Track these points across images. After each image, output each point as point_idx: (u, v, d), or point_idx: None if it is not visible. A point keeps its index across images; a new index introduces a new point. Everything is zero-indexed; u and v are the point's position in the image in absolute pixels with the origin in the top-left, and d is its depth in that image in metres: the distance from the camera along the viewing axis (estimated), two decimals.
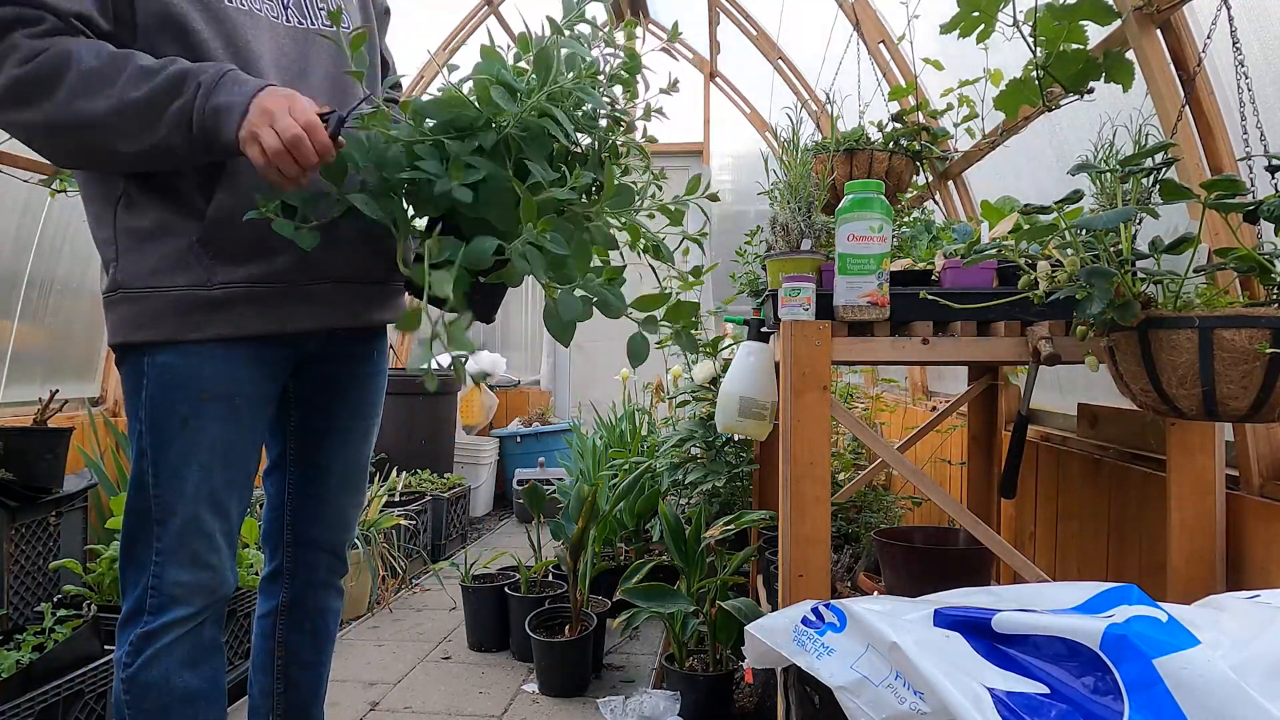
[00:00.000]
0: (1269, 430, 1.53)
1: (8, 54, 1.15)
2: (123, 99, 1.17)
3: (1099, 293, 1.23)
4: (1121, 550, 1.88)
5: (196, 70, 1.20)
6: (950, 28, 1.65)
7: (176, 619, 1.36)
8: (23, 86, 1.15)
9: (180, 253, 1.29)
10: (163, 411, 1.33)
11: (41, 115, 1.18)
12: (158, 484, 1.34)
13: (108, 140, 1.20)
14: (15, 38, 1.15)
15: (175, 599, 1.36)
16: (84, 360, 3.33)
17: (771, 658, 1.39)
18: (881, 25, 3.21)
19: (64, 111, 1.17)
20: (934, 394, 3.53)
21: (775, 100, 4.98)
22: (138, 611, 1.37)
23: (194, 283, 1.30)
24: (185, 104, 1.18)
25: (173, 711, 1.37)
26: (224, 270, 1.31)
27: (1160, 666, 0.99)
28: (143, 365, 1.33)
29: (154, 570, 1.36)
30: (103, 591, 2.39)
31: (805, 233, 1.96)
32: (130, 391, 1.36)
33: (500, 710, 2.54)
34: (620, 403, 4.52)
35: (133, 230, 1.30)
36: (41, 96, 1.16)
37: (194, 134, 1.19)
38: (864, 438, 1.79)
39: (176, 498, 1.34)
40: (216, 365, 1.34)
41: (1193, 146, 1.55)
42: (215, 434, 1.35)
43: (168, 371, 1.32)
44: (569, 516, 2.90)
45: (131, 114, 1.18)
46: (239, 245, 1.30)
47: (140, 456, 1.35)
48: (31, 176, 2.78)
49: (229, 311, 1.32)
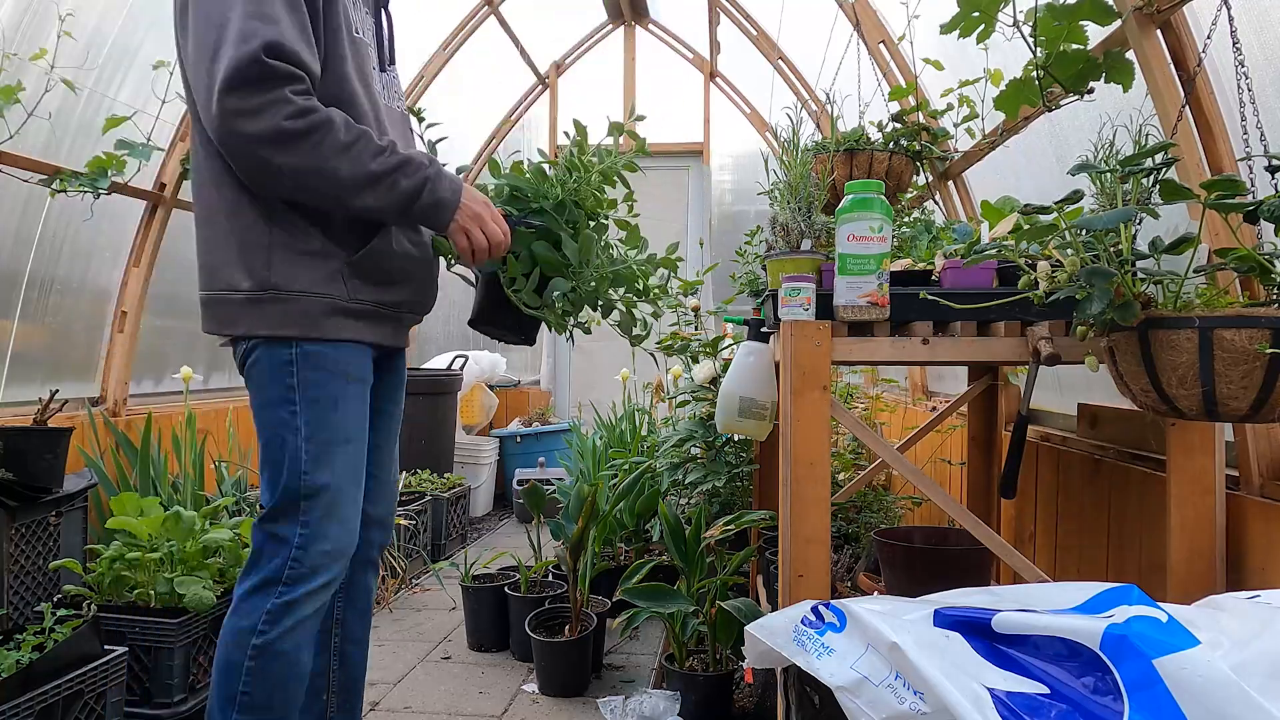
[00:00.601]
0: (1269, 430, 1.53)
1: (280, 105, 1.41)
2: (362, 168, 1.49)
3: (1099, 293, 1.23)
4: (1121, 550, 1.88)
5: (419, 160, 1.55)
6: (950, 28, 1.64)
7: (315, 588, 1.55)
8: (288, 136, 1.43)
9: (332, 272, 1.59)
10: (319, 391, 1.57)
11: (296, 160, 1.45)
12: (311, 459, 1.55)
13: (342, 194, 1.50)
14: (285, 93, 1.42)
15: (316, 569, 1.55)
16: (84, 360, 3.33)
17: (771, 658, 1.39)
18: (881, 25, 3.21)
19: (316, 165, 1.46)
20: (934, 394, 3.53)
21: (775, 100, 4.98)
22: (273, 582, 1.54)
23: (340, 296, 1.59)
24: (413, 187, 1.53)
25: (289, 685, 1.55)
26: (363, 291, 1.63)
27: (1160, 666, 0.99)
28: (291, 354, 1.56)
29: (299, 542, 1.54)
30: (102, 591, 2.40)
31: (805, 233, 1.96)
32: (269, 380, 1.57)
33: (500, 710, 2.54)
34: (620, 403, 4.52)
35: (291, 247, 1.56)
36: (302, 148, 1.44)
37: (412, 212, 1.55)
38: (864, 438, 1.79)
39: (328, 470, 1.56)
40: (354, 356, 1.63)
41: (1193, 146, 1.55)
42: (358, 412, 1.63)
43: (321, 359, 1.58)
44: (569, 516, 2.89)
45: (364, 180, 1.50)
46: (373, 276, 1.64)
47: (294, 434, 1.55)
48: (31, 176, 2.78)
49: (358, 320, 1.63)
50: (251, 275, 1.55)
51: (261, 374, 1.58)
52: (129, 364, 3.41)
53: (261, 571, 1.55)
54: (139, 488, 3.06)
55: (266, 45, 1.39)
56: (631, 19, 6.13)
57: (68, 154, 2.96)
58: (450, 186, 1.56)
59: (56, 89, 2.64)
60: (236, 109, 1.40)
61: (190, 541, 2.44)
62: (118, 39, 3.02)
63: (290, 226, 1.57)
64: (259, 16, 1.41)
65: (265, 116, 1.41)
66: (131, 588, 2.40)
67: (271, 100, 1.41)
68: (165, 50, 3.06)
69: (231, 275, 1.56)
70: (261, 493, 1.60)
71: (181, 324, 3.96)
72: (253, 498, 3.64)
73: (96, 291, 3.34)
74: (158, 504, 2.54)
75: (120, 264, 3.40)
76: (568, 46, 6.23)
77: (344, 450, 1.59)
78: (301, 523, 1.55)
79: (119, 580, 2.39)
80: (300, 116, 1.43)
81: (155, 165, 3.30)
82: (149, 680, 2.29)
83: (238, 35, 1.39)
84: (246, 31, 1.39)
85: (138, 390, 3.61)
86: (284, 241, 1.56)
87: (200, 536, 2.47)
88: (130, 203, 3.32)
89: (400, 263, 1.67)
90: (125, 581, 2.40)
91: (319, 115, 1.45)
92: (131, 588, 2.40)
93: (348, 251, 1.60)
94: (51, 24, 2.64)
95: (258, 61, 1.39)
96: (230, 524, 2.68)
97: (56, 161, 2.86)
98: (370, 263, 1.62)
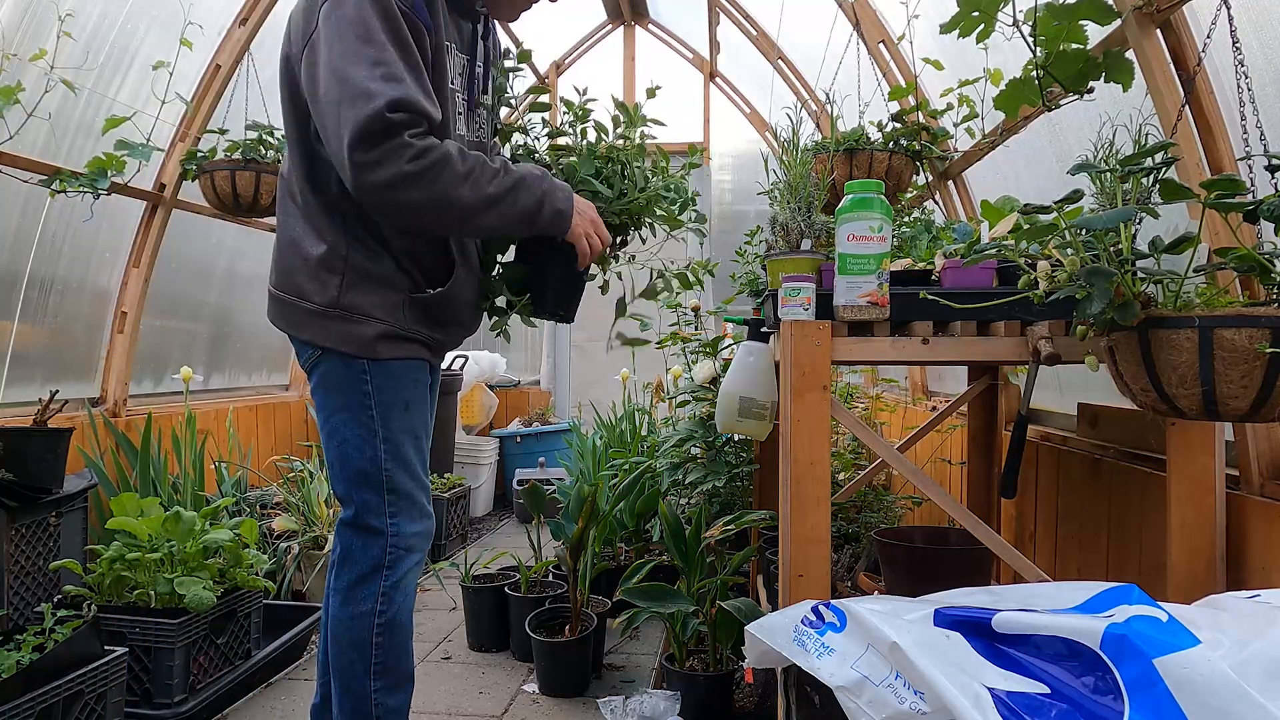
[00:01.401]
0: (1269, 430, 1.53)
1: (401, 150, 1.52)
2: (481, 193, 1.61)
3: (1099, 293, 1.23)
4: (1121, 550, 1.88)
5: (535, 177, 1.68)
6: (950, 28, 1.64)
7: (411, 565, 1.76)
8: (412, 178, 1.54)
9: (394, 302, 1.73)
10: (393, 396, 1.74)
11: (423, 197, 1.56)
12: (390, 457, 1.73)
13: (468, 218, 1.63)
14: (404, 138, 1.52)
15: (410, 549, 1.75)
16: (84, 360, 3.33)
17: (771, 657, 1.39)
18: (881, 25, 3.21)
19: (440, 197, 1.58)
20: (934, 394, 3.53)
21: (775, 100, 4.98)
22: (377, 569, 1.73)
23: (395, 324, 1.73)
24: (533, 202, 1.66)
25: (406, 648, 1.78)
26: (417, 324, 1.76)
27: (1160, 666, 0.98)
28: (364, 364, 1.72)
29: (391, 530, 1.73)
30: (102, 591, 2.40)
31: (805, 233, 1.96)
32: (344, 388, 1.73)
33: (500, 710, 2.54)
34: (620, 403, 4.52)
35: (364, 270, 1.70)
36: (425, 185, 1.56)
37: (536, 224, 1.68)
38: (864, 438, 1.79)
39: (404, 467, 1.74)
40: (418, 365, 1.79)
41: (1193, 146, 1.55)
42: (422, 412, 1.81)
43: (391, 367, 1.73)
44: (569, 516, 2.89)
45: (486, 203, 1.62)
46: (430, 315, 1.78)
47: (372, 436, 1.72)
48: (31, 177, 2.78)
49: (409, 345, 1.77)
50: (325, 291, 1.70)
51: (335, 383, 1.74)
52: (129, 364, 3.41)
53: (360, 564, 1.74)
54: (139, 488, 3.06)
55: (390, 102, 1.50)
56: (631, 19, 6.13)
57: (68, 154, 2.96)
58: (564, 197, 1.70)
59: (56, 89, 2.64)
60: (363, 162, 1.52)
61: (190, 542, 2.44)
62: (117, 39, 3.02)
63: (368, 252, 1.71)
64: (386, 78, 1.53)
65: (389, 165, 1.52)
66: (131, 588, 2.40)
67: (393, 148, 1.52)
68: (165, 50, 3.06)
69: (304, 285, 1.71)
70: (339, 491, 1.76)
71: (181, 324, 3.96)
72: (253, 498, 3.64)
73: (96, 292, 3.34)
74: (158, 504, 2.54)
75: (120, 264, 3.40)
76: (568, 46, 6.23)
77: (416, 446, 1.78)
78: (390, 513, 1.73)
79: (119, 581, 2.39)
80: (419, 158, 1.54)
81: (155, 165, 3.30)
82: (149, 680, 2.30)
83: (364, 93, 1.51)
84: (375, 90, 1.51)
85: (138, 390, 3.61)
86: (361, 266, 1.70)
87: (200, 537, 2.47)
88: (130, 203, 3.32)
89: (457, 312, 1.82)
90: (125, 582, 2.40)
91: (436, 152, 1.55)
92: (131, 588, 2.40)
93: (413, 284, 1.74)
94: (51, 24, 2.64)
95: (381, 118, 1.50)
96: (230, 524, 2.68)
97: (56, 162, 2.86)
98: (435, 305, 1.77)
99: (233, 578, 2.55)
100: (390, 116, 1.50)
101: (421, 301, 1.74)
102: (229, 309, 4.21)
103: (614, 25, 6.17)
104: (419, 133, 1.55)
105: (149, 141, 2.96)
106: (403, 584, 1.75)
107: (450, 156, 1.57)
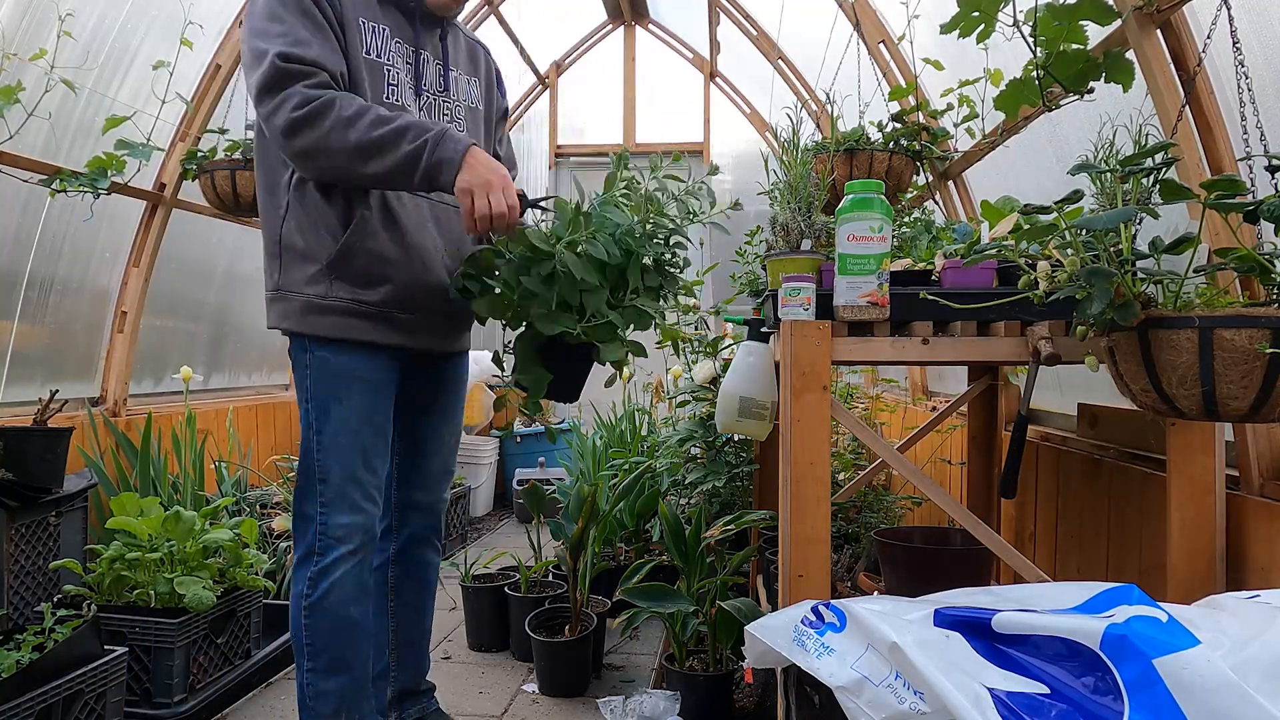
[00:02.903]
0: (1269, 430, 1.53)
1: (290, 98, 1.62)
2: (365, 136, 1.63)
3: (1099, 293, 1.23)
4: (1121, 550, 1.88)
5: (424, 124, 1.67)
6: (950, 28, 1.64)
7: (342, 555, 1.78)
8: (299, 123, 1.62)
9: (314, 273, 1.77)
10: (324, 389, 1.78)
11: (309, 142, 1.64)
12: (321, 448, 1.78)
13: (353, 164, 1.65)
14: (297, 88, 1.63)
15: (339, 539, 1.78)
16: (84, 360, 3.33)
17: (771, 658, 1.39)
18: (881, 25, 3.21)
19: (325, 143, 1.63)
20: (934, 394, 3.53)
21: (775, 100, 4.98)
22: (309, 555, 1.79)
23: (316, 294, 1.77)
24: (415, 149, 1.64)
25: (340, 635, 1.80)
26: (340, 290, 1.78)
27: (1160, 666, 0.98)
28: (306, 357, 1.78)
29: (320, 518, 1.78)
30: (102, 591, 2.39)
31: (805, 233, 1.96)
32: (296, 375, 1.83)
33: (500, 710, 2.54)
34: (620, 403, 4.52)
35: (292, 248, 1.78)
36: (312, 130, 1.63)
37: (419, 174, 1.66)
38: (864, 438, 1.79)
39: (334, 457, 1.78)
40: (360, 358, 1.80)
41: (1193, 146, 1.55)
42: (364, 407, 1.81)
43: (327, 361, 1.78)
44: (569, 516, 2.89)
45: (370, 148, 1.64)
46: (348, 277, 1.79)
47: (308, 427, 1.79)
48: (31, 176, 2.78)
49: (342, 319, 1.78)
50: (271, 274, 1.81)
51: (294, 367, 1.84)
52: (129, 364, 3.41)
53: (299, 547, 1.81)
54: (139, 488, 3.06)
55: (279, 53, 1.63)
56: (631, 19, 6.13)
57: (68, 154, 2.96)
58: (454, 147, 1.66)
59: (56, 89, 2.64)
60: (264, 114, 1.66)
61: (190, 542, 2.44)
62: (118, 39, 3.01)
63: (291, 231, 1.78)
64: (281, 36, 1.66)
65: (281, 112, 1.63)
66: (131, 588, 2.40)
67: (285, 97, 1.63)
68: (165, 50, 3.05)
69: (266, 276, 1.83)
70: None
71: (181, 324, 3.96)
72: (253, 498, 3.64)
73: (96, 291, 3.34)
74: (158, 504, 2.54)
75: (120, 264, 3.40)
76: (568, 46, 6.23)
77: (355, 441, 1.79)
78: (320, 502, 1.79)
79: (119, 580, 2.39)
80: (306, 104, 1.62)
81: (155, 165, 3.30)
82: (149, 680, 2.30)
83: (263, 53, 1.64)
84: (269, 48, 1.64)
85: (138, 390, 3.61)
86: (290, 244, 1.78)
87: (200, 537, 2.47)
88: (130, 203, 3.32)
89: (374, 265, 1.80)
90: (125, 581, 2.40)
91: (323, 99, 1.63)
92: (131, 588, 2.40)
93: (327, 253, 1.77)
94: (51, 24, 2.64)
95: (273, 68, 1.62)
96: (230, 524, 2.68)
97: (56, 161, 2.86)
98: (343, 264, 1.77)
99: (232, 577, 2.55)
100: (281, 65, 1.62)
101: (332, 262, 1.76)
102: (229, 309, 4.21)
103: (614, 25, 6.17)
104: (314, 83, 1.64)
105: (149, 141, 2.96)
106: (332, 572, 1.78)
107: (335, 102, 1.63)
